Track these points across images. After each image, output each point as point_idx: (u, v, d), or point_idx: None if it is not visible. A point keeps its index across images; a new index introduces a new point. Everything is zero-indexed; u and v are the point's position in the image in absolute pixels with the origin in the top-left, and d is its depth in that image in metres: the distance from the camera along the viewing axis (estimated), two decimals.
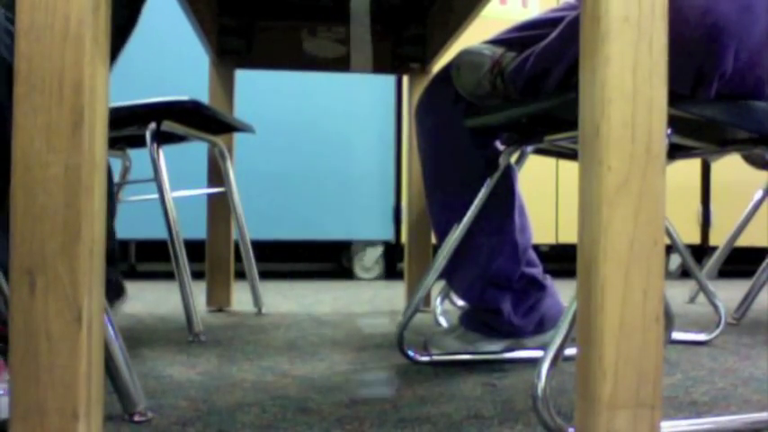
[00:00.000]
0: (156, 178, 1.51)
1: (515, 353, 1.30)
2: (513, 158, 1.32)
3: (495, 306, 1.29)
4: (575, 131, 1.05)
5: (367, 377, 1.16)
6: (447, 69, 1.28)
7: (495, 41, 1.20)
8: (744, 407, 0.99)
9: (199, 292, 2.02)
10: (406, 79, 2.77)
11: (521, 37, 1.18)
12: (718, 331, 1.49)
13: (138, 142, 1.58)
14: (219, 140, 1.82)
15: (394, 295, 2.33)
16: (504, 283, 1.30)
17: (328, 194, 2.75)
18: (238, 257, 1.89)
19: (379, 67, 1.97)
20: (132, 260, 3.12)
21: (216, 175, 1.88)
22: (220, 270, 1.90)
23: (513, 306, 1.30)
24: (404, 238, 2.73)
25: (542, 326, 1.32)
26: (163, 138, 1.54)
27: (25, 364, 0.60)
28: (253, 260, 1.89)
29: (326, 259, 3.28)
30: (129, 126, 1.53)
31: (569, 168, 2.74)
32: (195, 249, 2.14)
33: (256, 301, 1.88)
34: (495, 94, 1.15)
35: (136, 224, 2.41)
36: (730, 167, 2.83)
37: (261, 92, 2.66)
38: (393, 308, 2.01)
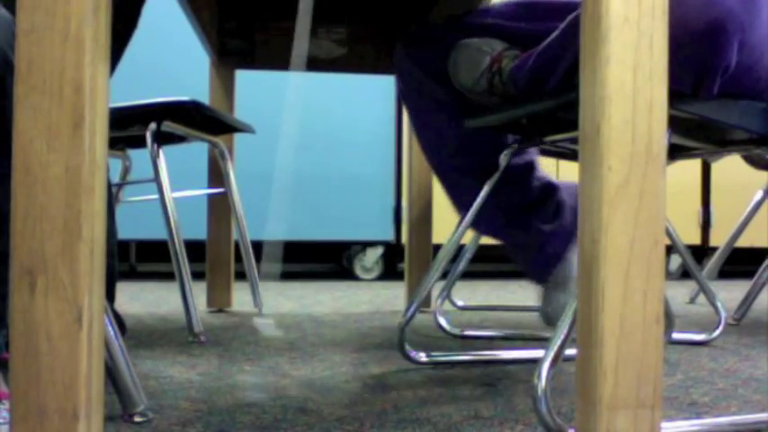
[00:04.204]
0: (157, 179, 1.51)
1: (515, 353, 1.30)
2: None
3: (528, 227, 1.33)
4: (575, 131, 1.05)
5: (367, 377, 1.16)
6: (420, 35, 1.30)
7: (496, 31, 1.20)
8: (744, 407, 0.99)
9: (199, 292, 2.02)
10: None
11: (520, 30, 1.18)
12: (718, 332, 1.49)
13: (139, 142, 1.58)
14: (220, 141, 1.82)
15: (394, 295, 2.32)
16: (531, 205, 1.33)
17: (328, 195, 2.75)
18: (238, 258, 1.89)
19: (379, 67, 1.97)
20: (132, 260, 3.12)
21: (216, 175, 1.88)
22: (220, 270, 1.90)
23: (541, 220, 1.34)
24: (404, 238, 2.73)
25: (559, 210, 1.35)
26: (163, 138, 1.54)
27: (25, 364, 0.60)
28: (253, 260, 1.89)
29: (327, 260, 3.28)
30: (130, 126, 1.53)
31: (569, 168, 2.73)
32: (195, 250, 2.14)
33: (256, 301, 1.88)
34: (492, 92, 1.15)
35: (136, 224, 2.41)
36: (730, 167, 2.82)
37: (261, 92, 2.66)
38: (393, 308, 2.01)
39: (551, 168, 2.81)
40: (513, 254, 1.42)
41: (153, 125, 1.51)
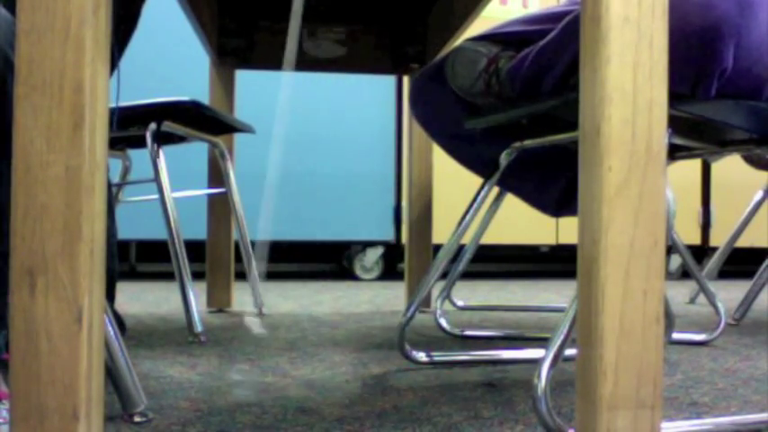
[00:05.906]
0: (157, 179, 1.51)
1: (515, 353, 1.30)
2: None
3: None
4: (575, 132, 1.05)
5: (367, 377, 1.16)
6: (438, 67, 1.28)
7: (494, 36, 1.20)
8: (744, 407, 0.99)
9: (199, 292, 2.02)
10: (406, 79, 2.77)
11: (519, 32, 1.18)
12: (718, 332, 1.49)
13: (139, 143, 1.58)
14: (220, 141, 1.82)
15: (394, 295, 2.32)
16: None
17: (328, 195, 2.75)
18: (238, 258, 1.89)
19: (379, 67, 1.97)
20: (132, 260, 3.12)
21: (216, 175, 1.88)
22: (220, 270, 1.90)
23: None
24: (404, 238, 2.73)
25: None
26: (163, 138, 1.54)
27: (25, 364, 0.60)
28: (253, 260, 1.89)
29: (327, 260, 3.28)
30: (130, 126, 1.53)
31: None
32: (195, 250, 2.14)
33: (257, 301, 1.88)
34: (489, 93, 1.15)
35: (136, 224, 2.41)
36: (730, 167, 2.83)
37: (261, 92, 2.66)
38: (393, 308, 2.01)
39: None
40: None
41: (153, 125, 1.51)
